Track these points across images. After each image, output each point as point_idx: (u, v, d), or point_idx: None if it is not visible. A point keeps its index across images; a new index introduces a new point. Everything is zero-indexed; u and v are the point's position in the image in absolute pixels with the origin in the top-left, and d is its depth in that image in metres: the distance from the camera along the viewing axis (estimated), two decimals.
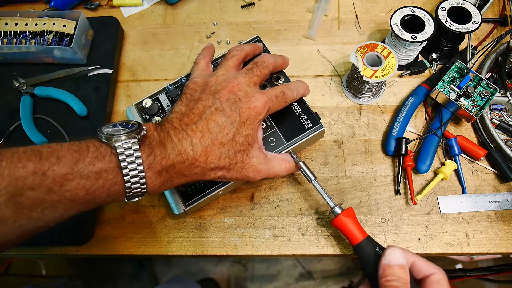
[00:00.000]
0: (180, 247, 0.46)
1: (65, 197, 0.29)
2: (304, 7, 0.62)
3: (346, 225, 0.41)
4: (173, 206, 0.44)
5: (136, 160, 0.31)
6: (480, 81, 0.49)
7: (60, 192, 0.28)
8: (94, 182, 0.30)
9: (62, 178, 0.28)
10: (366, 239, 0.40)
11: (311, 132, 0.45)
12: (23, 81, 0.55)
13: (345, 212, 0.41)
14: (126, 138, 0.31)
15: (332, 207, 0.42)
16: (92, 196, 0.30)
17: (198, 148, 0.35)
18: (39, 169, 0.27)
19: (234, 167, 0.38)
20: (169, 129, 0.35)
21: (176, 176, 0.35)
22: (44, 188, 0.28)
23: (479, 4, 0.58)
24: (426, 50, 0.55)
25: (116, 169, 0.31)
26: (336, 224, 0.42)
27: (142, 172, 0.31)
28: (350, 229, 0.41)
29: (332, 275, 1.18)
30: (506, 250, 0.44)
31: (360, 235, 0.40)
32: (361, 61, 0.49)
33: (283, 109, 0.44)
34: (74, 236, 0.46)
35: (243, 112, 0.37)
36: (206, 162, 0.35)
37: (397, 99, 0.54)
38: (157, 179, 0.33)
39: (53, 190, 0.28)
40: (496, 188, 0.47)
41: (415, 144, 0.51)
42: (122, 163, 0.30)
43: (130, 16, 0.64)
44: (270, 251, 0.46)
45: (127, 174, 0.31)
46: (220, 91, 0.38)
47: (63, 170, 0.28)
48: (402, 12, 0.52)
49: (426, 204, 0.47)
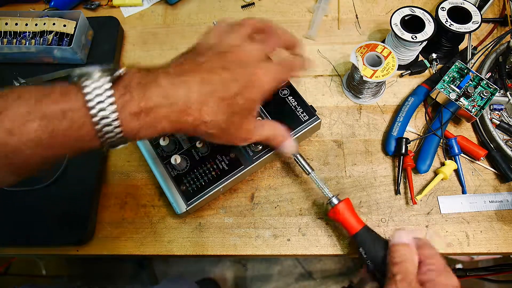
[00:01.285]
0: (180, 247, 0.46)
1: (27, 139, 0.26)
2: (304, 7, 0.62)
3: (343, 214, 0.41)
4: (175, 206, 0.44)
5: (106, 99, 0.28)
6: (480, 81, 0.49)
7: (22, 135, 0.26)
8: (58, 124, 0.27)
9: (22, 118, 0.26)
10: (364, 227, 0.40)
11: (308, 125, 0.46)
12: (23, 81, 0.55)
13: (342, 202, 0.42)
14: (98, 78, 0.29)
15: (330, 198, 0.42)
16: (58, 140, 0.28)
17: (194, 95, 0.32)
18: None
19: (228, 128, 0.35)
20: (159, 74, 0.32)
21: (160, 122, 0.31)
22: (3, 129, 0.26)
23: (479, 4, 0.58)
24: (426, 50, 0.55)
25: (83, 108, 0.28)
26: (333, 213, 0.42)
27: (115, 112, 0.28)
28: (347, 219, 0.41)
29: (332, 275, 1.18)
30: (506, 250, 0.44)
31: (358, 225, 0.41)
32: (361, 61, 0.49)
33: (279, 103, 0.43)
34: (74, 236, 0.46)
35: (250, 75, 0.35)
36: (200, 113, 0.32)
37: (397, 99, 0.54)
38: (134, 121, 0.30)
39: (13, 132, 0.26)
40: (496, 188, 0.47)
41: (415, 144, 0.51)
42: (89, 102, 0.28)
43: (130, 16, 0.64)
44: (270, 251, 0.46)
45: (96, 114, 0.28)
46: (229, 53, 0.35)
47: (22, 108, 0.26)
48: (402, 12, 0.52)
49: (426, 204, 0.47)
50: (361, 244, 0.40)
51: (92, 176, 0.49)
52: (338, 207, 0.41)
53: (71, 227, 0.46)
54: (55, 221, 0.47)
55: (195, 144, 0.46)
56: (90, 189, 0.48)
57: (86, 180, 0.49)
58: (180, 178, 0.45)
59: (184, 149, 0.47)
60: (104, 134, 0.29)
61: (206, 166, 0.45)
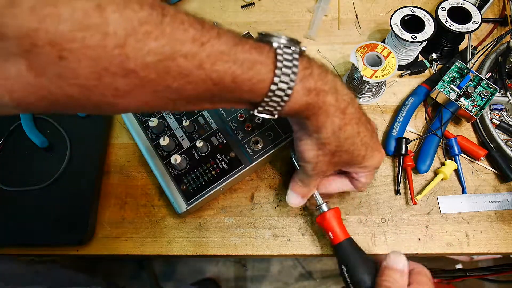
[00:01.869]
0: (180, 247, 0.46)
1: (210, 77, 0.26)
2: (304, 7, 0.62)
3: (330, 222, 0.41)
4: (175, 205, 0.44)
5: (293, 67, 0.28)
6: (480, 81, 0.49)
7: (209, 71, 0.26)
8: (245, 72, 0.27)
9: (217, 57, 0.26)
10: (348, 239, 0.40)
11: None
12: None
13: (331, 210, 0.42)
14: (287, 44, 0.29)
15: (320, 204, 0.42)
16: (234, 86, 0.28)
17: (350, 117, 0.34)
18: (198, 38, 0.25)
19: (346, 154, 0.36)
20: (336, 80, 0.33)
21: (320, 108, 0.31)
22: (197, 61, 0.25)
23: (479, 4, 0.58)
24: (426, 50, 0.55)
25: (271, 65, 0.28)
26: (321, 220, 0.42)
27: (293, 81, 0.29)
28: (333, 227, 0.41)
29: (332, 275, 1.18)
30: (506, 250, 0.44)
31: (343, 235, 0.40)
32: (361, 61, 0.49)
33: None
34: (74, 236, 0.46)
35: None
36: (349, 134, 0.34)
37: (397, 99, 0.54)
38: (304, 96, 0.30)
39: (203, 66, 0.25)
40: (496, 188, 0.47)
41: (415, 144, 0.51)
42: (278, 62, 0.28)
43: None
44: (270, 251, 0.46)
45: (279, 75, 0.28)
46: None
47: (221, 47, 0.26)
48: (402, 12, 0.52)
49: (426, 204, 0.47)
50: (343, 260, 0.39)
51: (92, 176, 0.49)
52: (326, 215, 0.42)
53: (71, 227, 0.46)
54: (55, 221, 0.47)
55: (195, 144, 0.46)
56: (90, 189, 0.48)
57: (86, 180, 0.49)
58: (180, 178, 0.45)
59: (184, 148, 0.47)
60: (273, 95, 0.29)
61: (206, 166, 0.46)
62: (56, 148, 0.51)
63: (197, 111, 0.49)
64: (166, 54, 0.24)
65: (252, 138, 0.46)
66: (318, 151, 0.35)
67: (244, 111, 0.48)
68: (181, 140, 0.47)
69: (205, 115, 0.48)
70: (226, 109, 0.48)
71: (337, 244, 0.40)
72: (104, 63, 0.22)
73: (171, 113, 0.49)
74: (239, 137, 0.47)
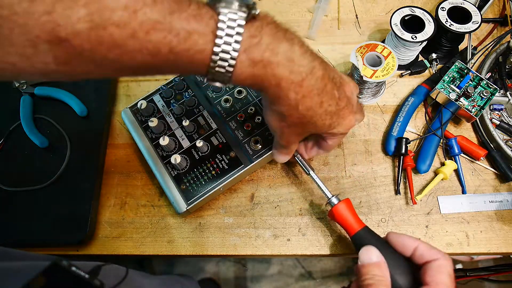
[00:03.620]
0: (180, 247, 0.46)
1: (146, 47, 0.25)
2: (304, 7, 0.62)
3: (343, 215, 0.41)
4: (175, 205, 0.44)
5: (235, 36, 0.27)
6: (480, 81, 0.49)
7: (143, 41, 0.25)
8: (181, 42, 0.26)
9: (150, 25, 0.25)
10: (364, 228, 0.40)
11: None
12: (23, 81, 0.55)
13: (342, 202, 0.41)
14: (235, 9, 0.27)
15: (329, 198, 0.42)
16: (173, 57, 0.27)
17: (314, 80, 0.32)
18: (131, 6, 0.24)
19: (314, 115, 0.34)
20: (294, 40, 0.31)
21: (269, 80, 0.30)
22: (129, 29, 0.24)
23: (479, 4, 0.58)
24: (426, 50, 0.55)
25: (210, 35, 0.27)
26: (333, 214, 0.42)
27: (236, 51, 0.27)
28: (347, 219, 0.40)
29: (332, 275, 1.18)
30: (506, 250, 0.44)
31: (358, 225, 0.40)
32: (361, 61, 0.49)
33: None
34: (74, 236, 0.46)
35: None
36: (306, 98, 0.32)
37: (397, 99, 0.54)
38: (249, 68, 0.29)
39: (136, 35, 0.25)
40: (496, 188, 0.47)
41: (415, 144, 0.51)
42: (218, 31, 0.27)
43: None
44: (270, 251, 0.46)
45: (219, 45, 0.27)
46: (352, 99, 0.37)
47: (155, 15, 0.25)
48: (402, 12, 0.52)
49: (426, 204, 0.47)
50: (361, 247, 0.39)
51: (92, 176, 0.49)
52: (337, 207, 0.41)
53: (71, 227, 0.46)
54: (55, 221, 0.47)
55: (195, 144, 0.46)
56: (90, 189, 0.48)
57: (86, 180, 0.49)
58: (180, 178, 0.45)
59: (184, 148, 0.47)
60: (215, 66, 0.28)
61: (206, 165, 0.46)
62: (56, 148, 0.51)
63: (197, 111, 0.49)
64: (96, 22, 0.23)
65: (252, 138, 0.46)
66: (281, 122, 0.35)
67: (244, 111, 0.48)
68: (181, 140, 0.47)
69: (205, 115, 0.48)
70: (226, 109, 0.48)
71: (354, 234, 0.40)
72: (35, 30, 0.22)
73: (171, 113, 0.49)
74: (239, 137, 0.47)
